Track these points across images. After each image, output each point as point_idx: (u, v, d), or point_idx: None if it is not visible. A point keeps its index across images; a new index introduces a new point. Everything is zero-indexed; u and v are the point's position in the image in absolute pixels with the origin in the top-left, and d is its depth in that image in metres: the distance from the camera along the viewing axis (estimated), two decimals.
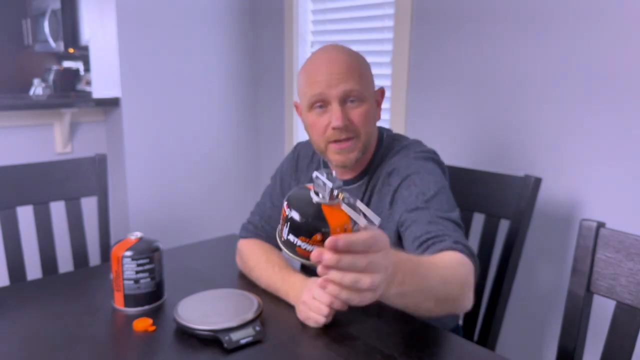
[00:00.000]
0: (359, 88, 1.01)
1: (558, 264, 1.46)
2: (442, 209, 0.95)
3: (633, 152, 1.29)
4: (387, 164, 1.07)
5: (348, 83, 1.00)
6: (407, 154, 1.06)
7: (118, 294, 1.03)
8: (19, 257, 1.38)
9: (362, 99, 1.02)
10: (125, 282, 1.02)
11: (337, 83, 1.00)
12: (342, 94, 1.00)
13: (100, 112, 2.26)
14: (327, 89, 1.00)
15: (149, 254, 1.04)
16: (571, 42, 1.37)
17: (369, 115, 1.03)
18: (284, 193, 1.21)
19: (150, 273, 1.04)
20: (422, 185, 0.98)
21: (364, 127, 1.02)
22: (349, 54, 1.04)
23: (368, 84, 1.04)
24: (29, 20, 4.76)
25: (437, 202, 0.96)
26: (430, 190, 0.98)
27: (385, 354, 0.89)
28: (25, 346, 0.90)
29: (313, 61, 1.05)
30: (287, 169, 1.24)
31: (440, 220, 0.93)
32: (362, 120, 1.02)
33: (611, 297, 0.95)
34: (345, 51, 1.05)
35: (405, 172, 1.02)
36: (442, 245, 0.87)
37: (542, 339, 1.53)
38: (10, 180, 1.38)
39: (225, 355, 0.87)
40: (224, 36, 2.38)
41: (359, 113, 1.02)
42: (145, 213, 2.26)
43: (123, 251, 1.02)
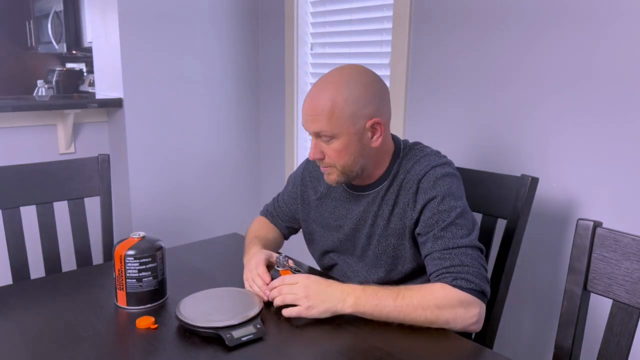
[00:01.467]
0: (327, 128, 1.08)
1: (555, 263, 1.47)
2: (457, 236, 1.05)
3: (630, 151, 1.30)
4: (408, 176, 1.13)
5: (317, 124, 1.09)
6: (430, 167, 1.12)
7: (121, 293, 1.04)
8: (22, 256, 1.39)
9: (333, 136, 1.09)
10: (127, 281, 1.03)
11: (310, 122, 1.11)
12: (313, 132, 1.11)
13: (103, 112, 2.28)
14: (305, 125, 1.12)
15: (152, 252, 1.05)
16: (569, 43, 1.38)
17: (342, 150, 1.10)
18: (290, 197, 1.36)
19: (152, 272, 1.05)
20: (444, 210, 1.07)
21: (338, 160, 1.11)
22: (329, 93, 1.08)
23: (341, 121, 1.08)
24: (32, 22, 4.78)
25: (454, 229, 1.06)
26: (450, 216, 1.07)
27: (384, 351, 0.90)
28: (29, 344, 0.91)
29: (309, 90, 1.14)
30: (295, 179, 1.36)
31: (452, 252, 1.04)
32: (333, 155, 1.11)
33: (608, 296, 0.96)
34: (329, 88, 1.09)
35: (431, 192, 1.09)
36: (442, 281, 1.02)
37: (539, 337, 1.54)
38: (13, 180, 1.39)
39: (227, 352, 0.89)
40: (225, 38, 2.39)
41: (332, 149, 1.11)
42: (147, 213, 2.27)
43: (125, 250, 1.03)
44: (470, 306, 1.00)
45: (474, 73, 1.61)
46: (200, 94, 2.36)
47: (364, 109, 1.09)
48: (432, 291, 1.00)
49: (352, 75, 1.10)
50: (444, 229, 1.06)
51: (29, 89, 4.68)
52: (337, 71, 1.13)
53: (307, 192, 1.31)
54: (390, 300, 0.98)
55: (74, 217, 1.47)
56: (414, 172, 1.13)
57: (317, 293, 1.00)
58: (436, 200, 1.08)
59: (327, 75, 1.13)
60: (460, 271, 1.01)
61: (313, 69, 2.25)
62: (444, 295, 0.99)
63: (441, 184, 1.09)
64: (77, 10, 4.16)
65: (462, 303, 0.99)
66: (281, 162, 2.45)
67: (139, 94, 2.19)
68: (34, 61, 4.96)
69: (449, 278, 1.01)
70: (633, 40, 1.26)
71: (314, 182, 1.30)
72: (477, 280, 1.01)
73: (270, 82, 2.45)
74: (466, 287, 1.00)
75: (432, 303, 0.98)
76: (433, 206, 1.08)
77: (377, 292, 0.99)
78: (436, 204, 1.08)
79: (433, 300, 0.98)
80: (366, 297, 0.99)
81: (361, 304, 0.99)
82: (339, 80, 1.10)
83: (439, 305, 0.98)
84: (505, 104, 1.54)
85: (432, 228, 1.07)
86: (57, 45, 4.34)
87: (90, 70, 4.37)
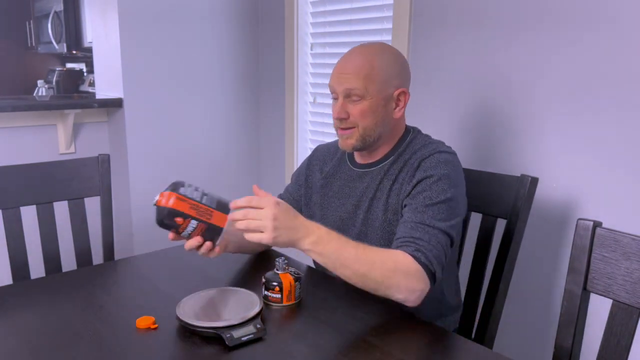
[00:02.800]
0: (361, 87, 1.14)
1: (555, 263, 1.47)
2: (435, 217, 1.08)
3: (630, 151, 1.30)
4: (413, 157, 1.17)
5: (351, 83, 1.14)
6: (436, 151, 1.16)
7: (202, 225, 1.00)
8: (22, 256, 1.39)
9: (363, 96, 1.15)
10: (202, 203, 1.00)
11: (343, 81, 1.16)
12: (344, 91, 1.16)
13: (103, 112, 2.28)
14: (336, 84, 1.18)
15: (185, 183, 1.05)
16: (569, 43, 1.38)
17: (368, 111, 1.16)
18: (294, 187, 1.38)
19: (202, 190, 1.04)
20: (435, 189, 1.10)
21: (361, 120, 1.16)
22: (367, 56, 1.16)
23: (376, 85, 1.15)
24: (32, 22, 4.78)
25: (436, 209, 1.08)
26: (439, 197, 1.09)
27: (384, 351, 0.90)
28: (29, 344, 0.92)
29: (342, 57, 1.20)
30: (301, 167, 1.39)
31: (425, 228, 1.06)
32: (358, 115, 1.16)
33: (608, 296, 0.96)
34: (366, 52, 1.17)
35: (430, 171, 1.12)
36: (404, 248, 1.04)
37: (539, 337, 1.54)
38: (14, 180, 1.39)
39: (227, 352, 0.89)
40: (225, 38, 2.39)
41: (358, 109, 1.16)
42: (147, 213, 2.27)
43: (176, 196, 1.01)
44: (420, 280, 1.02)
45: (473, 73, 1.61)
46: (200, 94, 2.36)
47: (395, 78, 1.17)
48: (393, 254, 1.03)
49: (386, 47, 1.20)
50: (427, 206, 1.09)
51: (29, 89, 4.68)
52: (370, 43, 1.21)
53: (313, 174, 1.34)
54: (352, 248, 1.00)
55: (74, 217, 1.47)
56: (420, 153, 1.17)
57: (283, 224, 0.97)
58: (432, 179, 1.11)
59: (361, 45, 1.21)
60: (424, 247, 1.04)
61: (313, 69, 2.25)
62: (401, 261, 1.01)
63: (442, 167, 1.13)
64: (77, 10, 4.16)
65: (415, 274, 1.01)
66: (281, 162, 2.45)
67: (139, 94, 2.19)
68: (34, 61, 4.96)
69: (412, 247, 1.04)
70: (633, 41, 1.26)
71: (320, 164, 1.34)
72: (435, 261, 1.04)
73: (270, 82, 2.45)
74: (423, 262, 1.02)
75: (390, 264, 1.00)
76: (427, 183, 1.11)
77: (340, 238, 1.01)
78: (430, 182, 1.11)
79: (391, 261, 1.01)
80: (330, 239, 1.00)
81: (322, 244, 0.99)
82: (375, 48, 1.18)
83: (395, 268, 1.00)
84: (505, 104, 1.54)
85: (417, 202, 1.10)
86: (57, 45, 4.34)
87: (90, 70, 4.37)
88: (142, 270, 1.28)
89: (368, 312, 1.03)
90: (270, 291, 1.06)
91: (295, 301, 1.07)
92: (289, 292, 1.06)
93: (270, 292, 1.06)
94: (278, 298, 1.06)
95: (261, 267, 1.26)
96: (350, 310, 0.98)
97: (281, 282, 1.06)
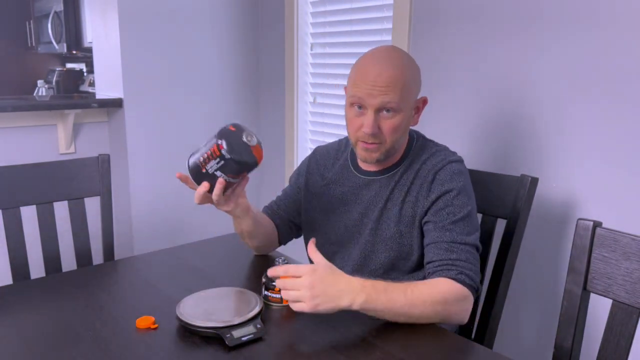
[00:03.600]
0: (396, 102, 1.09)
1: (555, 263, 1.47)
2: (463, 233, 1.08)
3: (630, 151, 1.30)
4: (424, 167, 1.16)
5: (387, 96, 1.08)
6: (447, 161, 1.15)
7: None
8: (22, 256, 1.39)
9: (397, 110, 1.11)
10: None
11: (377, 94, 1.08)
12: (379, 105, 1.09)
13: (103, 112, 2.28)
14: (367, 97, 1.09)
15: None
16: (568, 43, 1.38)
17: (400, 126, 1.12)
18: (293, 189, 1.36)
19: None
20: (457, 205, 1.10)
21: (391, 136, 1.12)
22: (399, 66, 1.10)
23: (408, 96, 1.12)
24: (32, 22, 4.78)
25: (462, 225, 1.09)
26: (461, 212, 1.10)
27: (384, 350, 0.90)
28: (29, 344, 0.92)
29: (366, 62, 1.12)
30: (300, 169, 1.37)
31: (459, 247, 1.07)
32: (390, 131, 1.12)
33: (608, 296, 0.96)
34: (396, 62, 1.11)
35: (448, 185, 1.12)
36: (445, 273, 1.04)
37: (539, 337, 1.54)
38: (14, 180, 1.39)
39: (227, 352, 0.89)
40: (225, 38, 2.39)
41: (390, 124, 1.11)
42: (147, 213, 2.27)
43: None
44: (468, 301, 1.03)
45: (473, 73, 1.61)
46: (200, 94, 2.36)
47: (418, 86, 1.16)
48: (438, 285, 1.02)
49: (408, 56, 1.15)
50: (454, 222, 1.09)
51: (29, 89, 4.69)
52: (394, 48, 1.15)
53: (313, 179, 1.31)
54: (401, 294, 0.97)
55: (74, 217, 1.47)
56: (431, 163, 1.16)
57: (323, 291, 0.93)
58: (452, 193, 1.11)
59: (384, 50, 1.14)
60: (465, 267, 1.05)
61: (313, 69, 2.25)
62: (449, 290, 1.01)
63: (458, 179, 1.13)
64: (77, 10, 4.16)
65: (464, 298, 1.03)
66: (281, 162, 2.46)
67: (139, 94, 2.19)
68: (34, 61, 4.96)
69: (454, 271, 1.04)
70: (632, 40, 1.26)
71: (321, 170, 1.31)
72: (475, 278, 1.05)
73: (270, 82, 2.45)
74: (467, 283, 1.03)
75: (440, 297, 1.00)
76: (448, 199, 1.11)
77: (387, 287, 0.97)
78: (451, 197, 1.11)
79: (440, 294, 1.00)
80: (377, 293, 0.95)
81: (372, 302, 0.95)
82: (403, 56, 1.13)
83: (447, 300, 1.00)
84: (504, 103, 1.54)
85: (442, 219, 1.10)
86: (57, 45, 4.34)
87: (90, 70, 4.37)
88: (142, 270, 1.28)
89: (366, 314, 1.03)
90: (270, 291, 1.06)
91: None
92: None
93: (270, 292, 1.06)
94: (278, 298, 1.06)
95: (261, 267, 1.26)
96: (350, 310, 0.98)
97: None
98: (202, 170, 1.06)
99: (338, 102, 2.14)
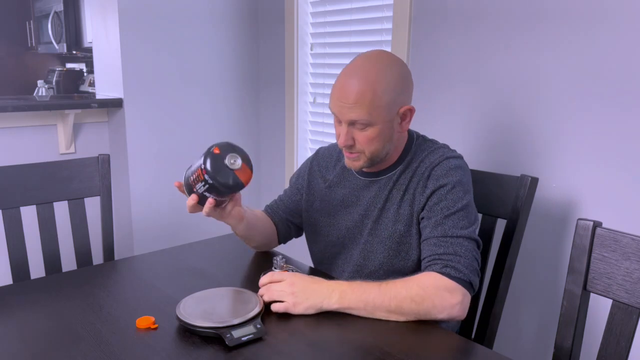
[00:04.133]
0: (365, 117, 1.09)
1: (555, 263, 1.47)
2: (457, 226, 1.07)
3: (629, 151, 1.30)
4: (422, 165, 1.16)
5: (354, 112, 1.09)
6: (444, 157, 1.15)
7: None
8: (22, 256, 1.39)
9: (369, 124, 1.11)
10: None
11: (347, 111, 1.10)
12: (349, 120, 1.11)
13: (103, 113, 2.28)
14: (339, 112, 1.12)
15: None
16: (569, 43, 1.38)
17: (376, 137, 1.12)
18: (293, 190, 1.38)
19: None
20: (451, 199, 1.10)
21: (368, 147, 1.13)
22: (368, 81, 1.08)
23: (380, 110, 1.10)
24: (32, 22, 4.78)
25: (455, 218, 1.08)
26: (455, 205, 1.09)
27: (383, 351, 0.90)
28: (29, 344, 0.92)
29: (340, 76, 1.13)
30: (302, 171, 1.37)
31: (448, 240, 1.06)
32: (365, 143, 1.12)
33: (607, 296, 0.96)
34: (366, 76, 1.09)
35: (443, 180, 1.12)
36: (431, 267, 1.04)
37: (539, 338, 1.54)
38: (14, 180, 1.39)
39: (227, 352, 0.89)
40: (225, 38, 2.39)
41: (364, 136, 1.12)
42: (147, 213, 2.27)
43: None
44: (455, 292, 1.01)
45: (473, 73, 1.61)
46: (200, 94, 2.36)
47: (399, 96, 1.12)
48: (417, 278, 1.03)
49: (387, 64, 1.12)
50: (447, 217, 1.08)
51: (29, 89, 4.69)
52: (370, 58, 1.13)
53: (315, 181, 1.32)
54: (375, 287, 1.00)
55: (74, 217, 1.47)
56: (428, 161, 1.16)
57: (302, 290, 1.02)
58: (446, 187, 1.11)
59: (360, 61, 1.12)
60: (452, 260, 1.03)
61: (313, 69, 2.25)
62: (431, 283, 1.01)
63: (453, 174, 1.12)
64: (77, 10, 4.17)
65: (447, 289, 1.01)
66: (281, 162, 2.46)
67: (139, 94, 2.19)
68: (34, 61, 4.96)
69: (439, 265, 1.03)
70: (632, 40, 1.26)
71: (322, 171, 1.32)
72: (466, 271, 1.03)
73: (270, 82, 2.45)
74: (454, 276, 1.02)
75: (416, 289, 0.99)
76: (442, 193, 1.10)
77: (362, 284, 1.02)
78: (445, 192, 1.10)
79: (417, 287, 1.00)
80: (352, 289, 1.01)
81: (347, 297, 1.00)
82: (376, 68, 1.10)
83: (423, 287, 1.00)
84: (504, 103, 1.55)
85: (435, 214, 1.09)
86: (57, 45, 4.34)
87: (90, 70, 4.38)
88: (142, 270, 1.28)
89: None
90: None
91: None
92: None
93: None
94: None
95: (261, 267, 1.26)
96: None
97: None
98: (193, 190, 1.09)
99: None
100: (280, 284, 1.04)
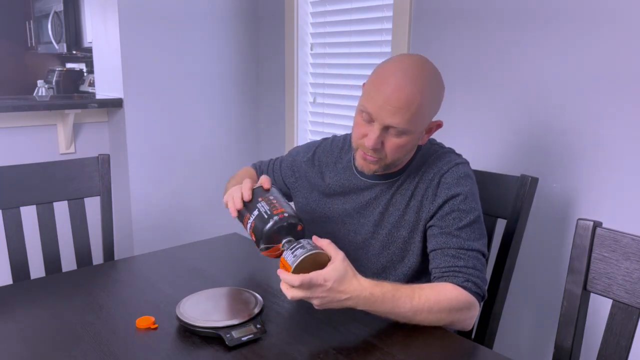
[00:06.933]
0: (404, 124, 1.03)
1: (555, 263, 1.47)
2: (471, 238, 1.06)
3: (630, 152, 1.30)
4: (429, 170, 1.13)
5: (396, 117, 1.02)
6: (453, 164, 1.12)
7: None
8: (22, 256, 1.39)
9: (404, 133, 1.05)
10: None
11: (387, 114, 1.03)
12: (387, 124, 1.04)
13: (103, 113, 2.28)
14: (377, 112, 1.04)
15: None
16: (569, 42, 1.38)
17: (405, 146, 1.07)
18: (291, 168, 1.34)
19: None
20: (464, 209, 1.08)
21: (394, 154, 1.08)
22: (418, 86, 1.03)
23: (421, 119, 1.05)
24: (32, 22, 4.78)
25: (469, 230, 1.07)
26: (468, 217, 1.08)
27: (384, 351, 0.90)
28: (29, 344, 0.92)
29: (385, 73, 1.06)
30: (308, 149, 1.32)
31: (466, 253, 1.05)
32: (393, 150, 1.07)
33: (607, 296, 0.96)
34: (417, 80, 1.03)
35: (454, 189, 1.09)
36: (452, 279, 1.02)
37: (539, 337, 1.54)
38: (14, 180, 1.39)
39: (227, 352, 0.89)
40: (225, 38, 2.39)
41: (395, 143, 1.06)
42: (147, 213, 2.27)
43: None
44: (474, 308, 1.03)
45: (473, 73, 1.61)
46: (200, 94, 2.36)
47: (437, 108, 1.10)
48: (446, 292, 1.00)
49: (433, 74, 1.07)
50: (461, 228, 1.07)
51: (29, 89, 4.68)
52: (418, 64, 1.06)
53: (313, 172, 1.28)
54: (407, 301, 0.96)
55: (74, 217, 1.47)
56: (436, 167, 1.13)
57: (333, 298, 0.92)
58: (459, 197, 1.08)
59: (409, 63, 1.05)
60: (472, 274, 1.03)
61: (313, 69, 2.25)
62: (456, 297, 1.00)
63: (464, 183, 1.10)
64: (77, 10, 4.16)
65: (470, 306, 1.02)
66: None
67: (139, 94, 2.19)
68: (34, 61, 4.96)
69: (461, 278, 1.03)
70: (633, 40, 1.26)
71: (322, 168, 1.27)
72: (482, 285, 1.04)
73: (270, 82, 2.45)
74: (474, 291, 1.02)
75: (446, 305, 0.99)
76: (455, 203, 1.08)
77: (395, 293, 0.95)
78: (458, 202, 1.08)
79: (447, 302, 0.99)
80: (383, 298, 0.94)
81: (378, 306, 0.95)
82: (425, 76, 1.05)
83: (453, 307, 0.99)
84: (505, 103, 1.55)
85: (448, 224, 1.07)
86: (57, 45, 4.34)
87: (90, 70, 4.37)
88: (142, 270, 1.28)
89: (368, 312, 1.03)
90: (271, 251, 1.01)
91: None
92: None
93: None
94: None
95: (261, 268, 1.26)
96: (351, 310, 0.98)
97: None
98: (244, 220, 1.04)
99: (338, 102, 2.14)
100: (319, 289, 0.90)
